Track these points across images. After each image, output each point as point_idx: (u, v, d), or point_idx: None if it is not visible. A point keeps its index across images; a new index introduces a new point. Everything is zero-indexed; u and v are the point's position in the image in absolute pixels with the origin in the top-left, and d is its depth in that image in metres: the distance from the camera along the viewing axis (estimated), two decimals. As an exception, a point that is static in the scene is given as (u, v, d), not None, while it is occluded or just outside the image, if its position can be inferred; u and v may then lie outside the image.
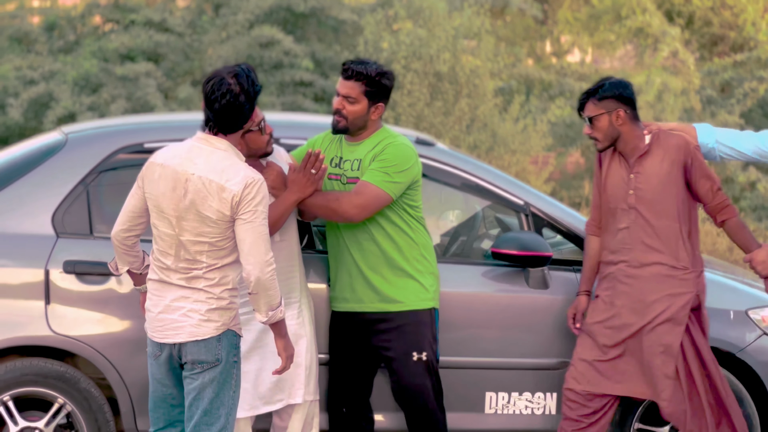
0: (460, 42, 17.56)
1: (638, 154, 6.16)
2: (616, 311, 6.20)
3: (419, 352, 6.05)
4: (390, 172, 5.88)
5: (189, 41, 18.42)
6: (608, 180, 6.25)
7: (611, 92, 6.13)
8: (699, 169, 6.18)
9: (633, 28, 20.32)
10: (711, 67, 19.45)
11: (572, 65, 21.12)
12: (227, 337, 5.14)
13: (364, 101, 5.96)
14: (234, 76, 5.08)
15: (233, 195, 4.97)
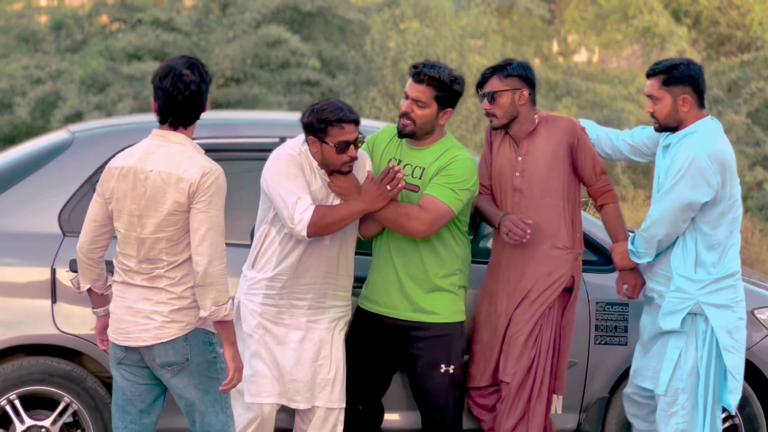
0: (467, 41, 17.58)
1: (526, 133, 6.14)
2: (492, 297, 6.23)
3: (447, 365, 6.03)
4: (456, 189, 5.84)
5: (196, 40, 18.44)
6: (496, 162, 6.22)
7: (519, 71, 6.11)
8: (585, 150, 6.18)
9: (640, 28, 20.32)
10: (718, 67, 19.43)
11: (579, 65, 21.12)
12: (196, 336, 5.10)
13: (434, 106, 5.89)
14: (189, 67, 5.07)
15: (190, 184, 4.94)
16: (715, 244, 6.02)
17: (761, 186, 17.03)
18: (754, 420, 6.64)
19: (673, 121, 6.03)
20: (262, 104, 17.55)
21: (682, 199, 5.92)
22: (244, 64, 18.27)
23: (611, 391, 6.62)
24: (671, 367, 6.06)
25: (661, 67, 6.04)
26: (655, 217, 6.00)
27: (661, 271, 6.15)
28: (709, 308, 6.01)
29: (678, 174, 5.91)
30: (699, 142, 5.94)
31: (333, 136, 5.64)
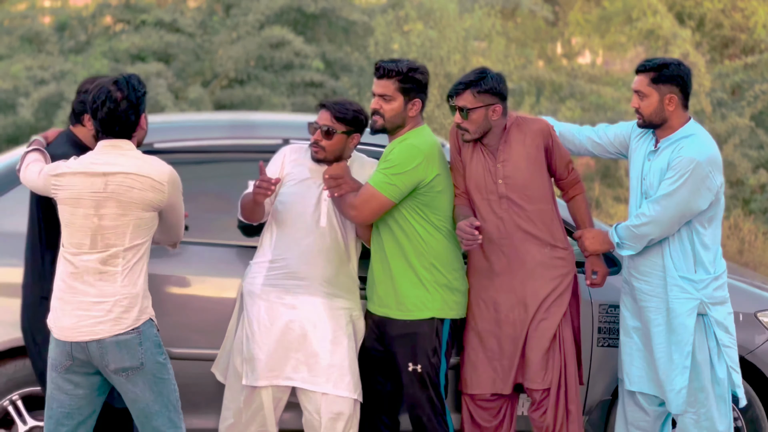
0: (471, 43, 17.56)
1: (499, 141, 6.13)
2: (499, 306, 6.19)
3: (414, 363, 6.03)
4: (389, 173, 5.88)
5: (200, 42, 18.43)
6: (472, 169, 6.19)
7: (492, 86, 6.08)
8: (558, 147, 6.21)
9: (644, 30, 20.28)
10: (722, 70, 19.40)
11: (583, 67, 21.08)
12: (149, 338, 5.19)
13: (400, 98, 5.97)
14: (114, 83, 5.21)
15: (161, 183, 5.21)
16: (708, 243, 6.05)
17: (765, 189, 17.01)
18: (756, 422, 6.64)
19: (657, 119, 6.08)
20: (266, 106, 17.55)
21: (685, 204, 5.95)
22: (247, 66, 18.26)
23: (614, 393, 6.61)
24: (686, 386, 6.06)
25: (651, 65, 6.12)
26: (652, 216, 6.01)
27: (647, 269, 6.15)
28: (711, 307, 6.03)
29: (681, 178, 5.93)
30: (698, 147, 5.97)
31: (319, 117, 6.06)
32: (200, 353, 6.28)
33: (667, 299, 6.08)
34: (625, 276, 6.30)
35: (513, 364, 6.14)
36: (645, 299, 6.17)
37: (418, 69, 6.00)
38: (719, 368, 6.08)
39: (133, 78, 5.27)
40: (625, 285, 6.33)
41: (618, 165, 15.97)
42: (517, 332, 6.13)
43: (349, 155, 6.10)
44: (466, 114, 6.06)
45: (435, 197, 6.01)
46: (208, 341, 6.27)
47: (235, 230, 6.35)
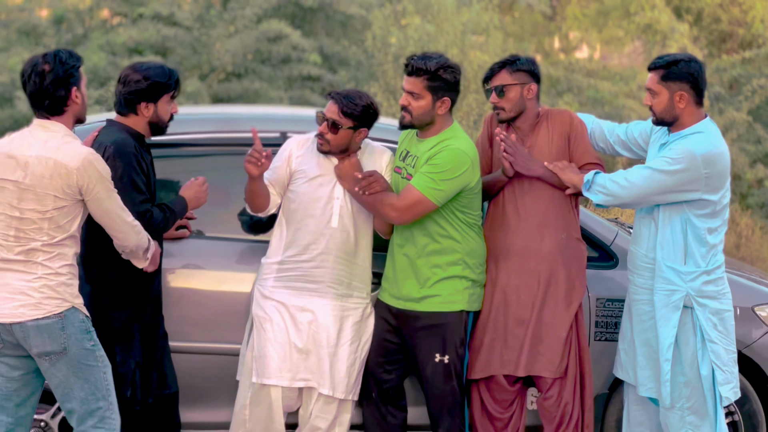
0: (469, 37, 17.57)
1: (531, 127, 6.19)
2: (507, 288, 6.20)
3: (441, 355, 6.03)
4: (437, 178, 5.86)
5: (197, 35, 18.42)
6: (498, 154, 6.21)
7: (527, 66, 6.17)
8: (580, 140, 6.24)
9: (641, 25, 20.30)
10: (719, 64, 19.41)
11: (580, 61, 21.10)
12: (72, 323, 5.11)
13: (428, 96, 5.93)
14: (43, 56, 5.15)
15: (74, 170, 5.03)
16: (704, 238, 6.03)
17: (762, 183, 17.03)
18: (753, 417, 6.64)
19: (669, 117, 6.05)
20: (263, 99, 17.55)
21: (663, 188, 5.97)
22: (245, 59, 18.26)
23: (611, 387, 6.61)
24: (668, 380, 6.06)
25: (661, 62, 6.07)
26: (632, 182, 6.02)
27: (641, 263, 6.16)
28: (699, 300, 6.02)
29: (675, 164, 5.92)
30: (701, 143, 5.95)
31: (327, 108, 6.01)
32: (195, 347, 6.27)
33: (656, 290, 6.08)
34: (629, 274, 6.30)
35: (521, 346, 6.16)
36: (638, 292, 6.17)
37: (445, 68, 5.95)
38: (703, 364, 6.07)
39: (63, 52, 5.17)
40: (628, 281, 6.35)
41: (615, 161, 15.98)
42: (525, 314, 6.15)
43: (355, 149, 6.09)
44: (502, 92, 6.13)
45: (474, 198, 6.04)
46: (204, 335, 6.26)
47: (229, 223, 6.36)
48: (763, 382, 6.68)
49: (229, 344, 6.27)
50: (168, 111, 5.74)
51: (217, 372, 6.29)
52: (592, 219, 6.66)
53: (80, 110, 5.23)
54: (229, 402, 6.23)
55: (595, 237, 6.59)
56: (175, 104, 5.77)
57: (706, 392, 6.06)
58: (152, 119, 5.70)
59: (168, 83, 5.69)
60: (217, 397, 6.22)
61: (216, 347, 6.28)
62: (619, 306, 6.50)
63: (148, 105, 5.67)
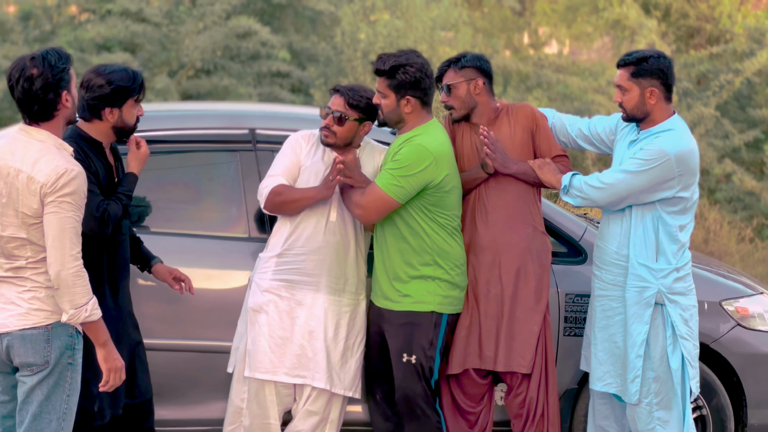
0: (438, 33, 17.59)
1: (489, 122, 6.21)
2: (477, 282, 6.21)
3: (408, 355, 6.01)
4: (396, 174, 5.85)
5: (166, 31, 18.36)
6: (461, 150, 6.25)
7: (472, 63, 6.20)
8: (544, 134, 6.28)
9: (610, 20, 20.34)
10: (687, 60, 19.47)
11: (550, 57, 21.13)
12: (59, 337, 4.86)
13: (392, 95, 5.95)
14: (31, 59, 4.84)
15: (41, 185, 4.72)
16: (674, 235, 6.06)
17: (730, 178, 17.10)
18: (721, 411, 6.67)
19: (639, 113, 6.08)
20: (233, 96, 17.52)
21: (638, 189, 6.00)
22: (214, 56, 18.22)
23: (580, 382, 6.63)
24: (639, 376, 6.08)
25: (631, 59, 6.09)
26: (608, 185, 6.04)
27: (611, 260, 6.17)
28: (670, 297, 6.05)
29: (646, 165, 5.95)
30: (674, 142, 5.98)
31: (332, 101, 6.06)
32: (163, 344, 6.25)
33: (628, 287, 6.10)
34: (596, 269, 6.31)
35: (496, 341, 6.16)
36: (606, 288, 6.19)
37: (404, 66, 5.92)
38: (673, 359, 6.09)
39: (51, 53, 4.84)
40: (594, 276, 6.34)
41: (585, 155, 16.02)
42: (497, 309, 6.16)
43: (359, 143, 6.11)
44: (448, 90, 6.18)
45: (443, 197, 6.00)
46: (172, 332, 6.25)
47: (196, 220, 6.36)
48: (731, 376, 6.71)
49: (197, 341, 6.26)
50: (134, 114, 5.59)
51: (184, 369, 6.28)
52: (561, 215, 6.69)
53: (71, 113, 4.95)
54: (199, 399, 6.23)
55: (564, 232, 6.62)
56: (141, 106, 5.64)
57: (676, 386, 6.09)
58: (117, 124, 5.55)
59: (132, 87, 5.54)
60: (185, 394, 6.21)
61: (184, 344, 6.27)
62: (588, 301, 6.52)
63: (113, 110, 5.52)
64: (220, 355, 6.26)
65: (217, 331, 6.27)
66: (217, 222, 6.49)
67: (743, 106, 18.42)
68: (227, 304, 6.26)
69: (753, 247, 14.66)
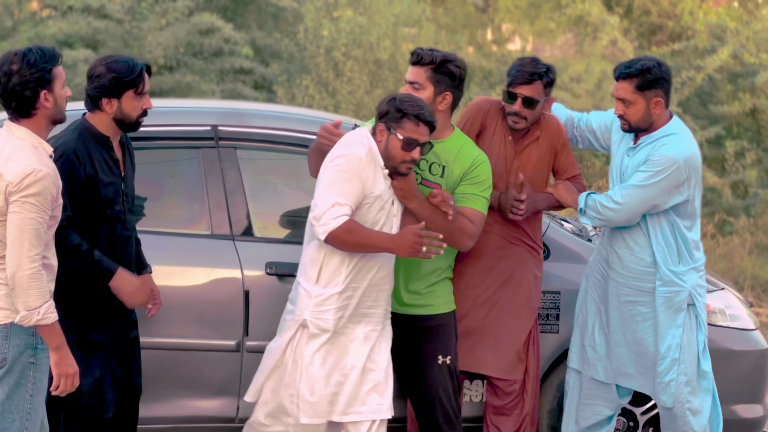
0: (401, 29, 17.59)
1: (531, 139, 6.16)
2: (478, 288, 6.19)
3: (444, 356, 5.92)
4: (487, 195, 5.85)
5: (128, 28, 18.30)
6: (489, 150, 6.08)
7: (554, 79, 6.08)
8: (566, 152, 6.28)
9: (573, 17, 20.40)
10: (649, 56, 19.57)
11: (513, 53, 21.19)
12: (18, 335, 4.77)
13: (430, 88, 5.82)
14: (15, 56, 4.85)
15: (7, 183, 4.65)
16: (687, 235, 6.08)
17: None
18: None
19: (645, 124, 6.00)
20: (195, 92, 17.47)
21: (653, 200, 5.95)
22: (176, 52, 18.17)
23: (543, 378, 6.64)
24: (674, 379, 6.09)
25: (634, 71, 5.95)
26: (621, 204, 5.98)
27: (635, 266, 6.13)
28: (698, 296, 6.10)
29: (657, 176, 5.91)
30: (679, 148, 5.96)
31: (405, 130, 5.50)
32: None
33: (656, 293, 6.08)
34: (600, 271, 6.29)
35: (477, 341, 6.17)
36: (633, 294, 6.16)
37: (453, 61, 5.82)
38: (704, 361, 6.11)
39: (34, 52, 4.83)
40: (599, 279, 6.29)
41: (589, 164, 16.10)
42: (484, 311, 6.16)
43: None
44: (533, 105, 6.03)
45: None
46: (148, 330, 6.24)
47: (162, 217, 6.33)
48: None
49: (159, 338, 6.23)
50: (136, 107, 5.43)
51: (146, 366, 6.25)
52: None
53: (53, 112, 4.87)
54: (161, 396, 6.21)
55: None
56: (148, 99, 5.48)
57: (705, 390, 6.14)
58: (117, 116, 5.42)
59: (129, 78, 5.39)
60: (147, 391, 6.17)
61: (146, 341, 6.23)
62: (551, 298, 6.53)
63: (111, 101, 5.40)
64: (181, 352, 6.26)
65: (178, 329, 6.25)
66: (179, 219, 6.47)
67: (705, 102, 18.51)
68: (189, 301, 6.24)
69: (714, 243, 14.74)
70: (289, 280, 6.24)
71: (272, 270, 6.25)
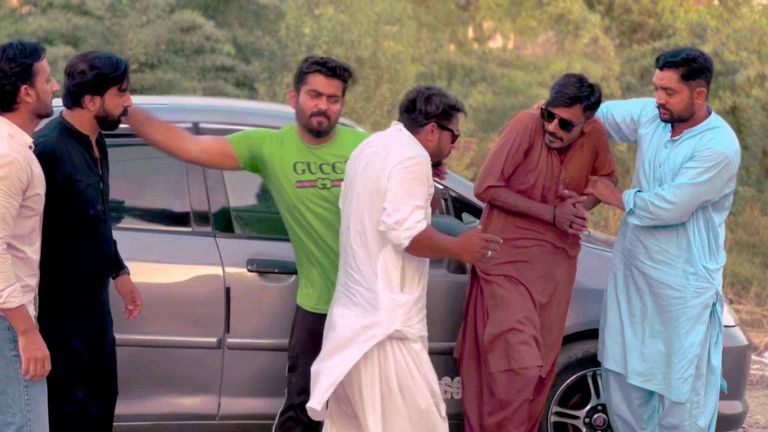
0: (382, 27, 17.59)
1: (576, 149, 6.18)
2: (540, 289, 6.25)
3: None
4: None
5: (109, 25, 18.26)
6: (537, 168, 6.14)
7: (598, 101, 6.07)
8: (605, 150, 6.28)
9: (554, 15, 20.45)
10: (630, 54, 19.63)
11: (494, 51, 21.24)
12: None
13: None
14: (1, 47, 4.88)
15: None
16: (719, 232, 6.12)
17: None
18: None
19: (687, 113, 5.98)
20: (177, 90, 17.44)
21: (705, 196, 5.96)
22: (158, 50, 18.14)
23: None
24: (692, 375, 6.11)
25: (679, 60, 5.93)
26: (675, 203, 5.96)
27: (669, 261, 6.13)
28: (720, 295, 6.14)
29: (710, 171, 5.91)
30: (726, 141, 5.97)
31: (455, 123, 5.52)
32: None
33: (689, 288, 6.08)
34: (627, 264, 6.29)
35: None
36: (661, 287, 6.16)
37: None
38: (715, 356, 6.12)
39: (15, 46, 4.83)
40: (627, 271, 6.29)
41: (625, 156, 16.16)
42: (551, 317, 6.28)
43: None
44: (570, 128, 6.01)
45: None
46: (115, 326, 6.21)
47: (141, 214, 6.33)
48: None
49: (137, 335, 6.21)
50: (118, 104, 5.35)
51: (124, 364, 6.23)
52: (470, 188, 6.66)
53: (36, 107, 4.90)
54: (139, 394, 6.19)
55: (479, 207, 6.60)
56: (129, 97, 5.42)
57: (713, 384, 6.16)
58: (99, 113, 5.32)
59: (114, 75, 5.31)
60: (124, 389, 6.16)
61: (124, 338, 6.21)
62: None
63: (94, 98, 5.29)
64: (162, 349, 6.24)
65: (159, 326, 6.23)
66: (160, 216, 6.46)
67: (685, 100, 18.58)
68: (170, 298, 6.23)
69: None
70: (270, 276, 6.24)
71: (253, 267, 6.25)
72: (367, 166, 5.38)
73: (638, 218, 6.07)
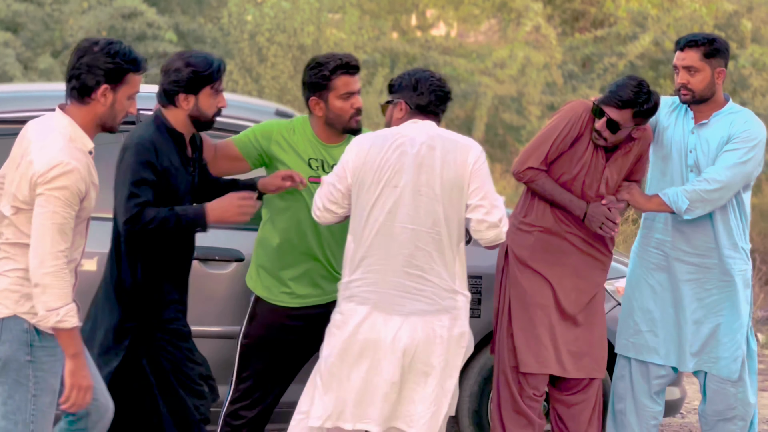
0: (325, 15, 17.57)
1: (624, 151, 6.16)
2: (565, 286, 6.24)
3: None
4: None
5: (49, 11, 18.09)
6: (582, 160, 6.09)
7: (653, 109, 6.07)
8: (647, 153, 6.27)
9: (497, 3, 20.51)
10: (572, 43, 19.73)
11: (437, 39, 21.25)
12: (10, 330, 4.57)
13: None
14: (106, 40, 4.73)
15: (33, 173, 4.49)
16: (748, 212, 6.24)
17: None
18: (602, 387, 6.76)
19: (708, 93, 6.08)
20: (118, 77, 17.31)
21: (749, 174, 6.08)
22: (99, 36, 18.00)
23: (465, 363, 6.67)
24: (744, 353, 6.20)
25: (701, 39, 6.06)
26: (725, 182, 6.01)
27: (706, 244, 6.18)
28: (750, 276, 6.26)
29: (753, 150, 6.03)
30: (756, 121, 6.11)
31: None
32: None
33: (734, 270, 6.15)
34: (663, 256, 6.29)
35: None
36: (697, 272, 6.21)
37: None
38: (752, 339, 6.24)
39: (124, 48, 4.65)
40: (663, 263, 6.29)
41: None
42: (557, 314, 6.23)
43: None
44: (616, 129, 5.97)
45: None
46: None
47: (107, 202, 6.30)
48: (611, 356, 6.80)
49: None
50: (212, 105, 5.25)
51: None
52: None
53: (105, 114, 4.70)
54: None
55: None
56: (223, 98, 5.31)
57: (751, 367, 6.27)
58: (193, 113, 5.23)
59: (208, 73, 5.22)
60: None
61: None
62: (472, 282, 6.48)
63: (188, 97, 5.21)
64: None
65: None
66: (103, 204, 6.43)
67: (626, 88, 18.70)
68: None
69: (636, 227, 14.90)
70: (212, 264, 6.24)
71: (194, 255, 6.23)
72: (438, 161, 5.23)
73: (692, 212, 6.06)
